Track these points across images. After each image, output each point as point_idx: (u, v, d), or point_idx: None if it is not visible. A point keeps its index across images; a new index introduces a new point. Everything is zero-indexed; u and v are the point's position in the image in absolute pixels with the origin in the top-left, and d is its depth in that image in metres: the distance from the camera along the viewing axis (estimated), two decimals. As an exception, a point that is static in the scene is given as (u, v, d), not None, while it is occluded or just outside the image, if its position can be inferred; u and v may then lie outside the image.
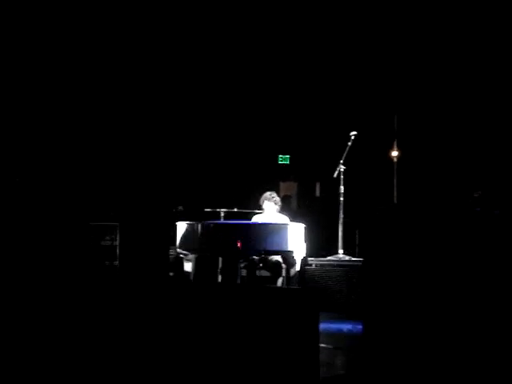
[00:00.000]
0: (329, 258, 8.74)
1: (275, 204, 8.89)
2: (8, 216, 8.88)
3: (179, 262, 8.75)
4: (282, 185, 11.55)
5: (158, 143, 10.67)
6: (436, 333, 4.24)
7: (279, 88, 11.25)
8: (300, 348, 3.36)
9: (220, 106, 11.31)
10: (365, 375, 4.27)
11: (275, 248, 8.21)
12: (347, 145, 8.89)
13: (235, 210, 9.13)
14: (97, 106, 10.36)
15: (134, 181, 10.43)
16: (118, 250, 9.85)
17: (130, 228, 9.92)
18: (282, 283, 8.33)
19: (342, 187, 8.95)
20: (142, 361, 3.95)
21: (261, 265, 8.52)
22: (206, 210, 9.15)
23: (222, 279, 8.59)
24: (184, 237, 8.47)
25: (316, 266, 8.46)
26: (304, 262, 8.41)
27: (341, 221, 8.92)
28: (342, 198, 8.95)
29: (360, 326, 6.51)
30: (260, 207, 8.95)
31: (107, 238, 9.96)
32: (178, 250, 8.57)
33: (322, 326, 3.68)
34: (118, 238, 9.88)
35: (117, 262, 9.79)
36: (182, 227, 8.53)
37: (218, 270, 8.71)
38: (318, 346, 3.41)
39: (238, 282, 8.33)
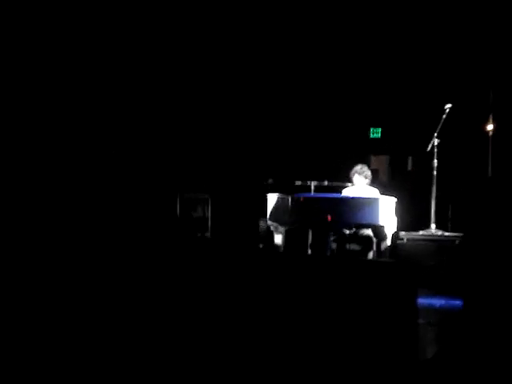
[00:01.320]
0: (421, 232, 8.61)
1: (365, 178, 8.82)
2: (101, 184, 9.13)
3: (270, 235, 8.82)
4: (373, 158, 11.41)
5: (250, 116, 10.73)
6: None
7: (371, 60, 11.08)
8: (398, 324, 3.32)
9: (312, 79, 11.24)
10: (461, 353, 4.20)
11: (366, 222, 8.15)
12: (441, 118, 8.71)
13: (326, 183, 9.10)
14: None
15: (226, 154, 10.53)
16: (209, 222, 9.98)
17: (221, 200, 10.04)
18: (373, 257, 8.28)
19: (435, 161, 8.78)
20: (239, 332, 4.00)
21: (351, 238, 8.49)
22: (297, 182, 9.15)
23: (311, 252, 8.60)
24: (274, 209, 8.51)
25: (407, 240, 8.35)
26: (395, 236, 8.33)
27: (433, 195, 8.77)
28: (435, 172, 8.79)
29: (452, 302, 6.42)
30: (351, 180, 8.90)
31: (199, 209, 10.10)
32: (269, 222, 8.63)
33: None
34: (209, 210, 10.01)
35: (208, 234, 9.92)
36: (272, 200, 8.57)
37: (308, 243, 8.73)
38: (417, 322, 3.37)
39: (328, 254, 8.33)
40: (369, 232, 8.43)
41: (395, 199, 8.46)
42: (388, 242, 8.33)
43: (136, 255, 4.59)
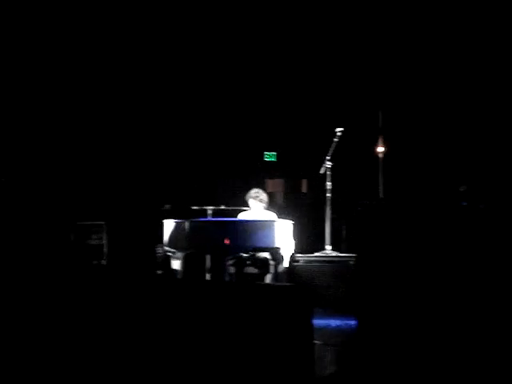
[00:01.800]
0: (316, 253, 8.75)
1: (261, 202, 8.91)
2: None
3: (167, 260, 8.75)
4: (269, 182, 11.57)
5: (145, 142, 10.67)
6: (431, 328, 4.26)
7: (265, 86, 11.26)
8: (294, 345, 3.36)
9: (206, 105, 11.31)
10: (360, 372, 4.29)
11: (263, 245, 8.22)
12: (333, 141, 8.91)
13: (222, 207, 9.13)
14: (85, 106, 10.34)
15: (121, 180, 10.41)
16: (105, 249, 9.82)
17: (117, 227, 9.90)
18: (271, 280, 8.34)
19: (328, 183, 8.97)
20: (130, 359, 3.95)
21: (249, 262, 8.53)
22: (193, 207, 9.14)
23: (210, 276, 8.59)
24: (172, 235, 8.47)
25: (304, 262, 8.47)
26: (292, 258, 8.43)
27: (328, 217, 8.95)
28: (328, 194, 8.97)
29: (348, 322, 6.55)
30: (247, 204, 8.97)
31: (94, 236, 9.92)
32: (166, 248, 8.57)
33: (311, 321, 3.69)
34: (105, 237, 9.86)
35: (104, 261, 9.77)
36: (169, 225, 8.53)
37: (206, 268, 8.71)
38: (312, 343, 3.41)
39: (226, 279, 8.34)
40: (266, 255, 8.49)
41: (291, 222, 8.58)
42: (285, 264, 8.42)
43: (27, 283, 4.46)
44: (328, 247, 8.83)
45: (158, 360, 3.91)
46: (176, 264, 8.62)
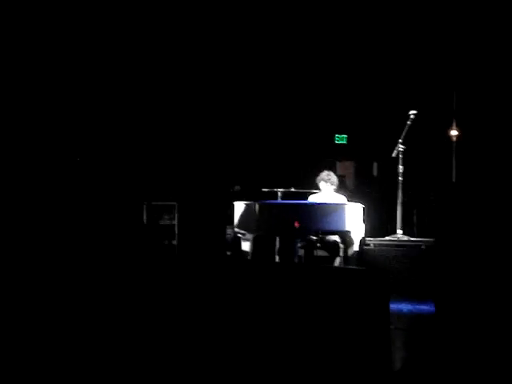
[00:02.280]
0: (387, 237, 8.66)
1: (332, 184, 8.86)
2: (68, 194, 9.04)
3: (237, 242, 8.80)
4: (339, 164, 11.48)
5: (218, 125, 10.72)
6: (507, 318, 4.17)
7: (336, 67, 11.16)
8: (371, 329, 3.33)
9: (279, 86, 11.28)
10: (436, 358, 4.23)
11: (333, 228, 8.18)
12: (406, 124, 8.79)
13: (292, 189, 9.12)
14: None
15: (192, 161, 10.50)
16: (176, 229, 9.94)
17: (188, 207, 10.00)
18: (340, 263, 8.31)
19: (400, 167, 8.85)
20: (205, 339, 3.98)
21: (319, 245, 8.51)
22: (264, 189, 9.15)
23: (279, 259, 8.60)
24: (242, 216, 8.50)
25: (374, 246, 8.40)
26: (362, 242, 8.36)
27: (399, 201, 8.84)
28: (400, 178, 8.86)
29: (420, 307, 6.47)
30: (317, 187, 8.93)
31: (166, 217, 10.05)
32: (236, 229, 8.62)
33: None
34: (176, 218, 9.97)
35: (175, 241, 9.89)
36: (239, 207, 8.56)
37: (276, 250, 8.73)
38: (389, 328, 3.37)
39: (296, 261, 8.34)
40: (336, 238, 8.46)
41: (362, 205, 8.51)
42: (355, 247, 8.37)
43: (105, 262, 4.56)
44: (399, 231, 8.73)
45: (229, 340, 3.93)
46: (246, 246, 8.67)
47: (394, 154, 8.82)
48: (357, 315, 3.40)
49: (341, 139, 11.58)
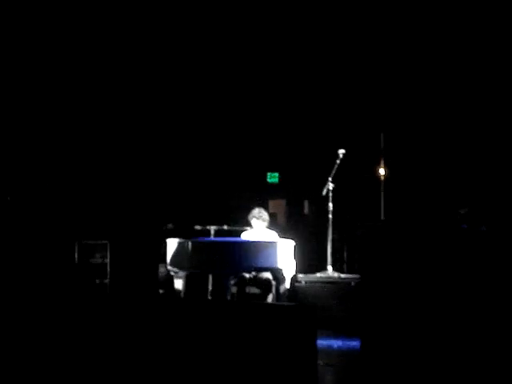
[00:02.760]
0: (318, 274, 8.80)
1: (263, 221, 8.98)
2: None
3: (170, 280, 8.79)
4: (271, 202, 11.62)
5: (148, 162, 10.73)
6: (434, 348, 4.30)
7: (268, 107, 11.35)
8: (298, 365, 3.39)
9: (209, 125, 11.39)
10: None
11: (265, 265, 8.26)
12: (335, 163, 8.99)
13: (225, 227, 9.19)
14: (89, 120, 10.42)
15: (124, 199, 10.47)
16: (108, 268, 9.87)
17: (120, 246, 9.95)
18: (273, 300, 8.38)
19: (330, 204, 9.04)
20: (133, 379, 3.98)
21: (251, 282, 8.59)
22: (196, 227, 9.19)
23: (212, 296, 8.62)
24: (174, 254, 8.51)
25: (305, 282, 8.52)
26: (294, 278, 8.48)
27: (329, 238, 9.01)
28: (330, 216, 9.04)
29: (350, 343, 6.59)
30: (250, 224, 9.03)
31: (98, 255, 9.97)
32: (169, 267, 8.61)
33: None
34: (108, 256, 9.90)
35: (107, 280, 9.81)
36: (172, 244, 8.57)
37: (209, 288, 8.75)
38: (316, 364, 3.45)
39: (228, 298, 8.38)
40: (268, 275, 8.54)
41: (293, 242, 8.64)
42: (287, 284, 8.46)
43: (32, 302, 4.51)
44: (330, 268, 8.88)
45: (159, 380, 3.94)
46: (179, 284, 8.66)
47: (324, 193, 9.01)
48: (285, 349, 3.47)
49: (273, 177, 11.74)
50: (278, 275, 8.48)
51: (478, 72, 9.85)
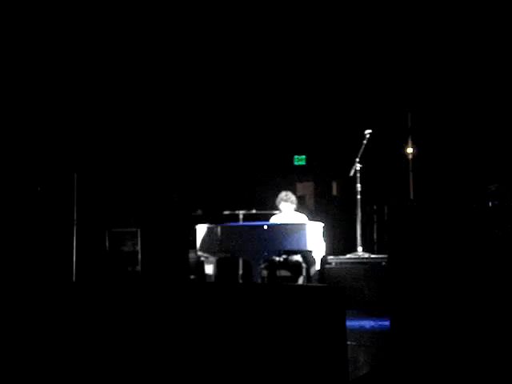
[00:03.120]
0: (348, 255, 8.80)
1: (291, 203, 8.99)
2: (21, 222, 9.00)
3: (200, 265, 8.86)
4: (299, 185, 11.62)
5: (178, 149, 10.78)
6: (462, 328, 4.29)
7: (293, 89, 11.32)
8: (328, 346, 3.40)
9: (236, 110, 11.40)
10: (394, 372, 4.33)
11: (295, 248, 8.29)
12: (362, 143, 8.96)
13: (254, 211, 9.22)
14: (113, 114, 10.47)
15: (154, 186, 10.54)
16: (139, 255, 9.96)
17: (150, 233, 10.03)
18: (303, 282, 8.41)
19: (358, 185, 9.02)
20: (165, 365, 4.01)
21: (281, 265, 8.62)
22: (225, 212, 9.24)
23: (242, 280, 8.68)
24: (204, 239, 8.57)
25: (336, 264, 8.53)
26: (324, 260, 8.49)
27: (359, 219, 9.00)
28: (358, 196, 9.02)
29: (382, 323, 6.59)
30: (278, 208, 9.05)
31: (129, 243, 10.07)
32: (199, 252, 8.67)
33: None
34: (139, 244, 9.99)
35: (139, 267, 9.90)
36: (201, 230, 8.63)
37: (239, 272, 8.81)
38: (346, 344, 3.45)
39: (259, 282, 8.42)
40: (298, 258, 8.57)
41: (322, 224, 8.64)
42: (317, 266, 8.48)
43: (66, 290, 4.56)
44: (359, 249, 8.88)
45: (192, 364, 3.97)
46: (209, 268, 8.73)
47: (351, 173, 8.99)
48: (314, 331, 3.48)
49: (300, 160, 11.73)
50: (307, 257, 8.50)
51: (505, 45, 9.72)
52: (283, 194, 9.01)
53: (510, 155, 9.49)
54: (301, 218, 8.96)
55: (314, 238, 8.31)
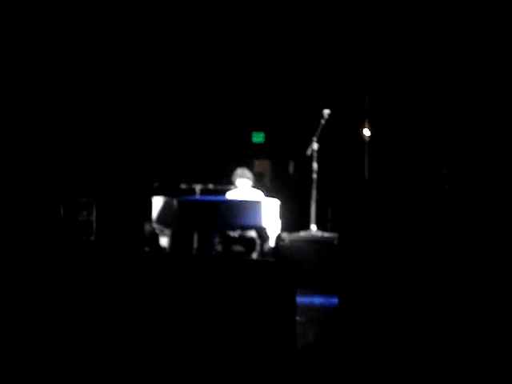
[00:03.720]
0: (302, 233, 8.92)
1: (248, 179, 9.07)
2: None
3: (155, 237, 8.89)
4: (257, 162, 11.69)
5: (135, 120, 10.74)
6: (409, 307, 4.41)
7: (253, 66, 11.34)
8: (277, 320, 3.49)
9: (193, 84, 11.39)
10: (339, 345, 4.45)
11: (250, 224, 8.38)
12: (320, 123, 9.06)
13: (211, 186, 9.27)
14: (75, 84, 10.40)
15: (111, 157, 10.50)
16: (94, 225, 9.94)
17: (106, 203, 10.01)
18: (257, 258, 8.50)
19: (315, 164, 9.13)
20: (117, 335, 4.05)
21: (236, 240, 8.70)
22: (182, 185, 9.27)
23: (197, 254, 8.73)
24: (160, 212, 8.61)
25: (289, 241, 8.64)
26: (278, 237, 8.60)
27: (314, 197, 9.12)
28: (315, 175, 9.14)
29: (331, 300, 6.73)
30: (234, 183, 9.12)
31: (84, 213, 10.04)
32: (154, 225, 8.71)
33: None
34: (94, 214, 9.97)
35: (93, 237, 9.88)
36: (158, 202, 8.66)
37: (194, 246, 8.86)
38: (294, 318, 3.54)
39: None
40: (253, 234, 8.66)
41: (278, 201, 8.74)
42: (271, 243, 8.59)
43: (16, 257, 4.55)
44: (313, 227, 9.00)
45: (143, 336, 4.02)
46: (164, 241, 8.77)
47: (308, 153, 9.09)
48: (264, 304, 3.56)
49: (258, 137, 11.78)
50: (262, 234, 8.60)
51: (461, 29, 9.86)
52: (239, 171, 9.09)
53: (463, 140, 9.69)
54: (257, 194, 9.05)
55: (269, 215, 8.41)
